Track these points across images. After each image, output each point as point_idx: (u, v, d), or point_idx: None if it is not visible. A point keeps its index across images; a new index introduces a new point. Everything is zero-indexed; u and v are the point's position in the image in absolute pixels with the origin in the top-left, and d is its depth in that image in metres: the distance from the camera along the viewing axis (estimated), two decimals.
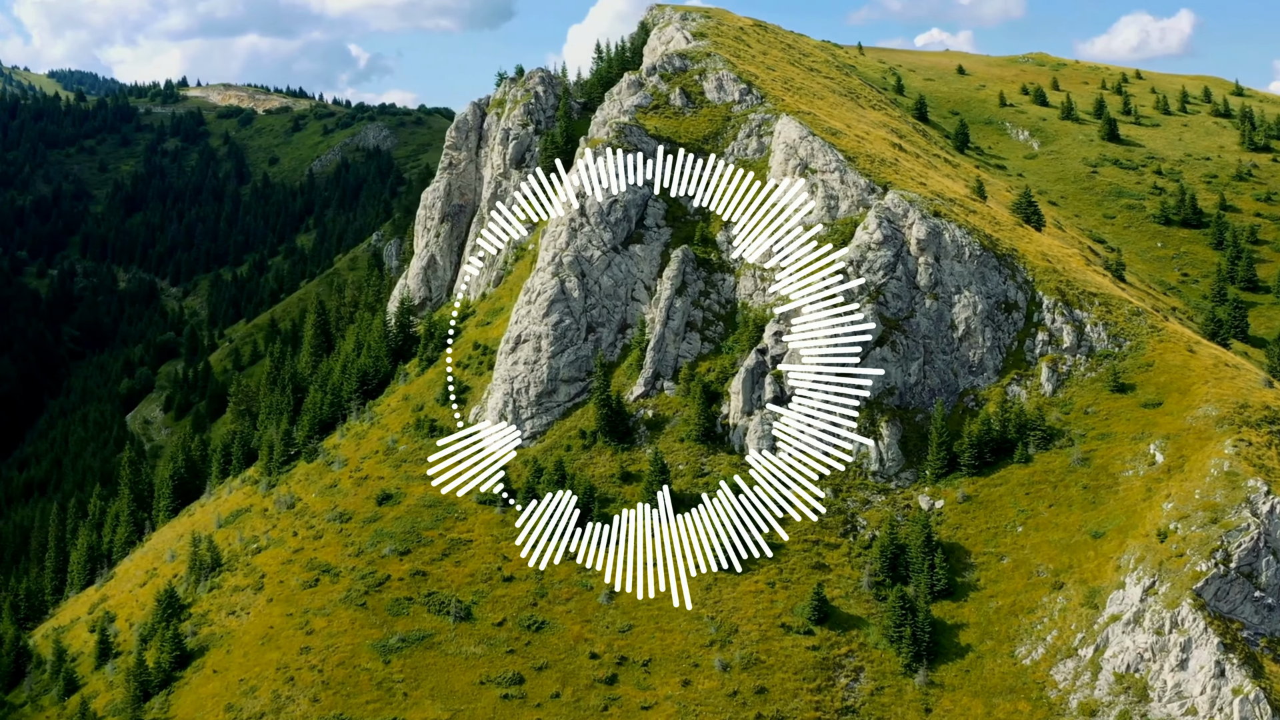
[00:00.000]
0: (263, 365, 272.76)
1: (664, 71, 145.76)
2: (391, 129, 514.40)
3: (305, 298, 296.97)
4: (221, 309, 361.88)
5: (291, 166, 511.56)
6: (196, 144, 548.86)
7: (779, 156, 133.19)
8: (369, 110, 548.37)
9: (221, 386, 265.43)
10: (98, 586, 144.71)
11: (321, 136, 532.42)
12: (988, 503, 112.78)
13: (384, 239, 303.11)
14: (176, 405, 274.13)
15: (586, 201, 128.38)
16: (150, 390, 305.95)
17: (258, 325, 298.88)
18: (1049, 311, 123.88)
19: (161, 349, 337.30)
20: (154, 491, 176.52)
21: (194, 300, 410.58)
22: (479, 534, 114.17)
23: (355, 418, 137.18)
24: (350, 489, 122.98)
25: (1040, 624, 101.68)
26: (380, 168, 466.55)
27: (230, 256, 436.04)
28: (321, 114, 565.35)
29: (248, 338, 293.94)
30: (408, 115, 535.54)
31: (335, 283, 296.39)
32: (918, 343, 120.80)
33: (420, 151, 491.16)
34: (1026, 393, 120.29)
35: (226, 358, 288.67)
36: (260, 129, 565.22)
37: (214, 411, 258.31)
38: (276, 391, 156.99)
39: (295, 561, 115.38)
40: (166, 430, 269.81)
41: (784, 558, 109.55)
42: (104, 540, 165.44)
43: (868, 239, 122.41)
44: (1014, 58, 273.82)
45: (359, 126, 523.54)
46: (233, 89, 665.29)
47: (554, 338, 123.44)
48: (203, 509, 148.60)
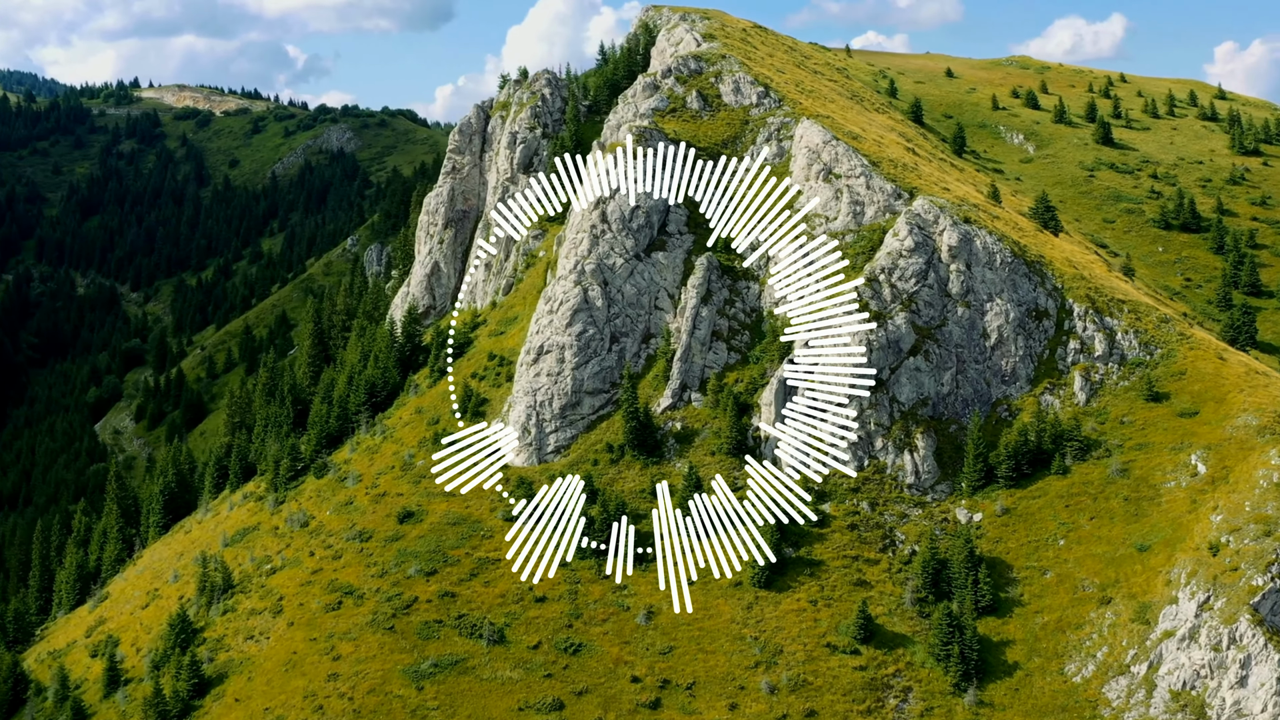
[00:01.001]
0: (237, 373, 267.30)
1: (679, 74, 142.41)
2: (355, 131, 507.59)
3: (279, 303, 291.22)
4: (188, 315, 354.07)
5: (253, 169, 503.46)
6: (153, 146, 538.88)
7: (801, 161, 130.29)
8: (331, 112, 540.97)
9: (196, 395, 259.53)
10: (91, 607, 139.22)
11: (283, 139, 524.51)
12: (1027, 515, 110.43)
13: (359, 243, 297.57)
14: (149, 414, 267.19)
15: (608, 207, 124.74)
16: (118, 399, 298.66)
17: (230, 332, 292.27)
18: (1080, 319, 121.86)
19: (127, 356, 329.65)
20: (140, 506, 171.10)
21: (156, 306, 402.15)
22: (506, 550, 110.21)
23: (365, 431, 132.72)
24: (368, 506, 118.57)
25: (1089, 640, 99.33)
26: (345, 170, 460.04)
27: (193, 261, 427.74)
28: (282, 115, 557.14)
29: (220, 345, 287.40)
30: (371, 117, 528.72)
31: (310, 288, 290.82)
32: (950, 352, 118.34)
33: (385, 154, 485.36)
34: (1060, 402, 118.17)
35: (199, 365, 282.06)
36: (219, 131, 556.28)
37: (190, 421, 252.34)
38: (275, 403, 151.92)
39: (315, 583, 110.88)
40: (139, 440, 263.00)
41: (824, 574, 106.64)
42: (90, 558, 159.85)
43: (899, 246, 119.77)
44: (997, 60, 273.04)
45: (321, 128, 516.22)
46: (187, 90, 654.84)
47: (577, 348, 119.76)
48: (200, 526, 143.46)
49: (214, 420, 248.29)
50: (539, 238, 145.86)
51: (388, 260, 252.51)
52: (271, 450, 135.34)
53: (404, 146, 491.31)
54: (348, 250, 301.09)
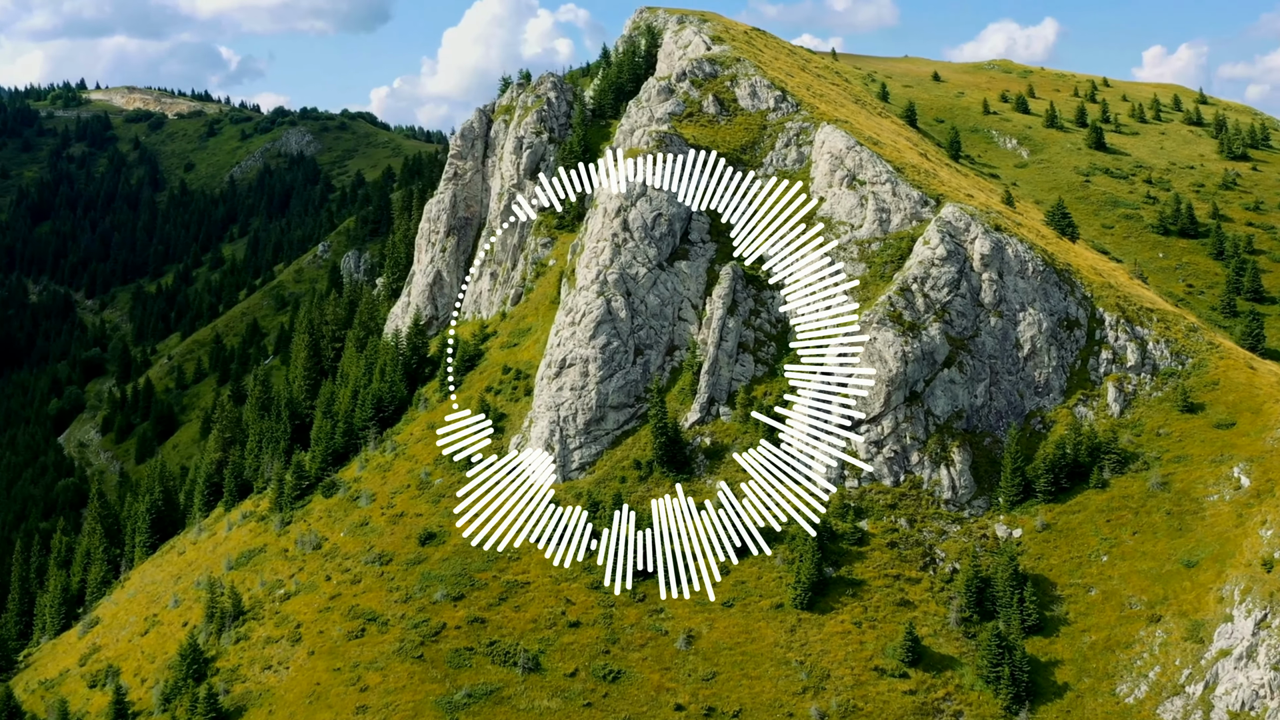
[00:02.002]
0: (208, 383, 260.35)
1: (694, 77, 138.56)
2: (314, 134, 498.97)
3: (249, 311, 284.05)
4: (149, 323, 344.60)
5: (209, 173, 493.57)
6: (104, 149, 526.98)
7: (823, 167, 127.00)
8: (289, 115, 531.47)
9: (166, 406, 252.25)
10: (80, 633, 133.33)
11: (240, 142, 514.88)
12: (1067, 531, 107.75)
13: (332, 249, 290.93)
14: (117, 426, 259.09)
15: (629, 215, 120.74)
16: (81, 410, 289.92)
17: (198, 341, 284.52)
18: (1111, 329, 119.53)
19: (87, 366, 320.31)
20: (122, 525, 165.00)
21: (113, 313, 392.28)
22: (535, 575, 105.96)
23: (373, 447, 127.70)
24: (385, 527, 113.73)
25: (1140, 660, 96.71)
26: (307, 174, 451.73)
27: (150, 267, 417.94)
28: (238, 118, 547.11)
29: (189, 354, 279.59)
30: (330, 120, 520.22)
31: (282, 296, 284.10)
32: (984, 363, 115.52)
33: (346, 157, 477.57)
34: (1094, 414, 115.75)
35: (167, 375, 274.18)
36: (172, 134, 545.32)
37: (161, 433, 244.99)
38: (270, 418, 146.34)
39: (334, 609, 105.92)
40: (107, 454, 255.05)
41: (866, 594, 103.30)
42: (73, 579, 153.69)
43: (930, 254, 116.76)
44: (979, 64, 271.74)
45: (279, 131, 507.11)
46: (137, 92, 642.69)
47: (602, 361, 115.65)
48: (195, 546, 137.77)
49: (187, 432, 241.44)
50: (548, 246, 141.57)
51: (369, 267, 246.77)
52: (275, 468, 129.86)
53: (365, 150, 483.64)
54: (319, 257, 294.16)
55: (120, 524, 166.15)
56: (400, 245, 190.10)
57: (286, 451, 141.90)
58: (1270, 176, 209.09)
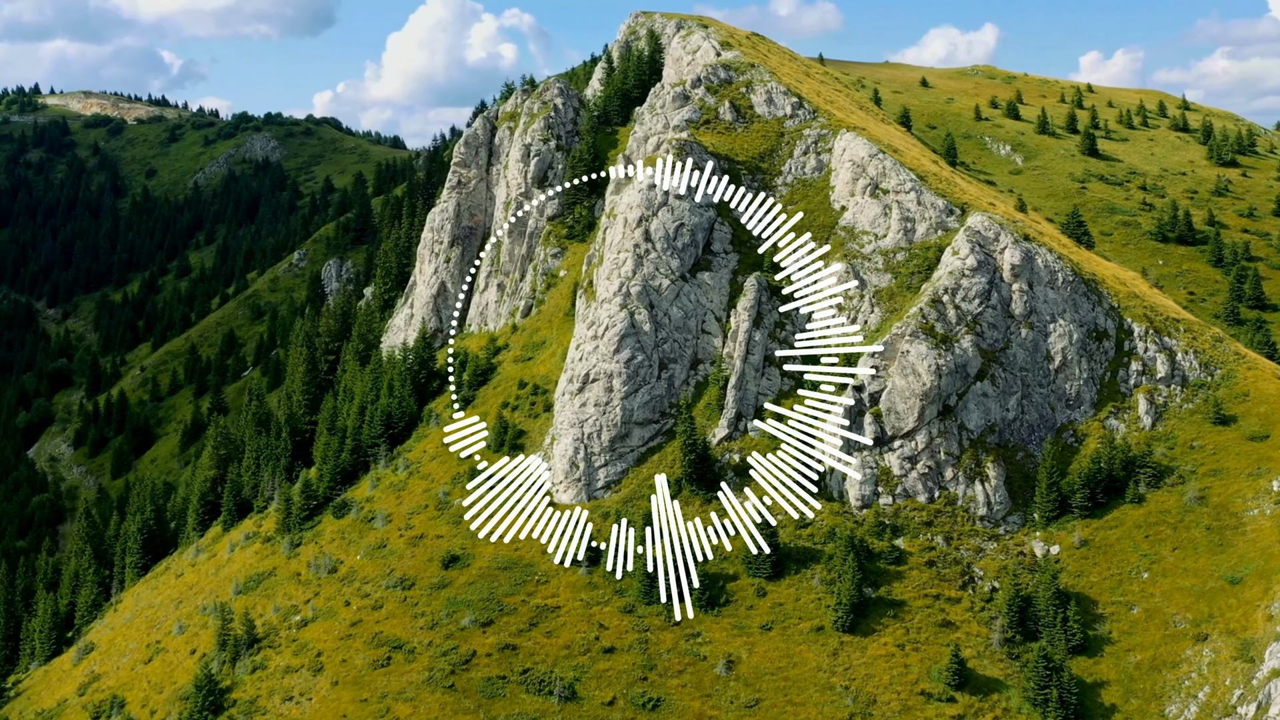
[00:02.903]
0: (184, 394, 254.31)
1: (709, 84, 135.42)
2: (280, 140, 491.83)
3: (225, 321, 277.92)
4: (116, 332, 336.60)
5: (172, 179, 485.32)
6: (63, 155, 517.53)
7: (845, 175, 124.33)
8: (253, 120, 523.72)
9: (142, 419, 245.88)
10: (75, 659, 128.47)
11: (203, 147, 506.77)
12: (1105, 547, 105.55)
13: (308, 258, 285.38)
14: (90, 440, 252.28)
15: (651, 225, 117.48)
16: (50, 423, 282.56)
17: (172, 352, 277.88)
18: (1140, 340, 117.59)
19: (54, 377, 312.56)
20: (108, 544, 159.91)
21: (77, 323, 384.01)
22: (566, 598, 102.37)
23: (384, 465, 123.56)
24: (404, 550, 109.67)
25: (1188, 680, 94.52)
26: (274, 181, 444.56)
27: (114, 276, 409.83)
28: (200, 124, 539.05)
29: (163, 365, 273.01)
30: (296, 125, 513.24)
31: (258, 305, 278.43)
32: (1015, 375, 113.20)
33: (312, 163, 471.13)
34: (1125, 426, 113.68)
35: (140, 387, 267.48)
36: (133, 139, 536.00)
37: (137, 447, 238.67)
38: (271, 434, 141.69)
39: (356, 636, 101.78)
40: (80, 468, 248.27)
41: (907, 615, 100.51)
42: (61, 602, 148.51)
43: (960, 265, 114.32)
44: (962, 69, 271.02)
45: (243, 137, 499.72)
46: (94, 96, 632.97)
47: (626, 376, 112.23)
48: (194, 569, 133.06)
49: (165, 446, 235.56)
50: (558, 256, 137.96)
51: (351, 277, 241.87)
52: (282, 487, 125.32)
53: (332, 156, 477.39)
54: (295, 265, 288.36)
55: (106, 543, 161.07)
56: (391, 254, 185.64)
57: (288, 469, 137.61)
58: (1260, 183, 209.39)
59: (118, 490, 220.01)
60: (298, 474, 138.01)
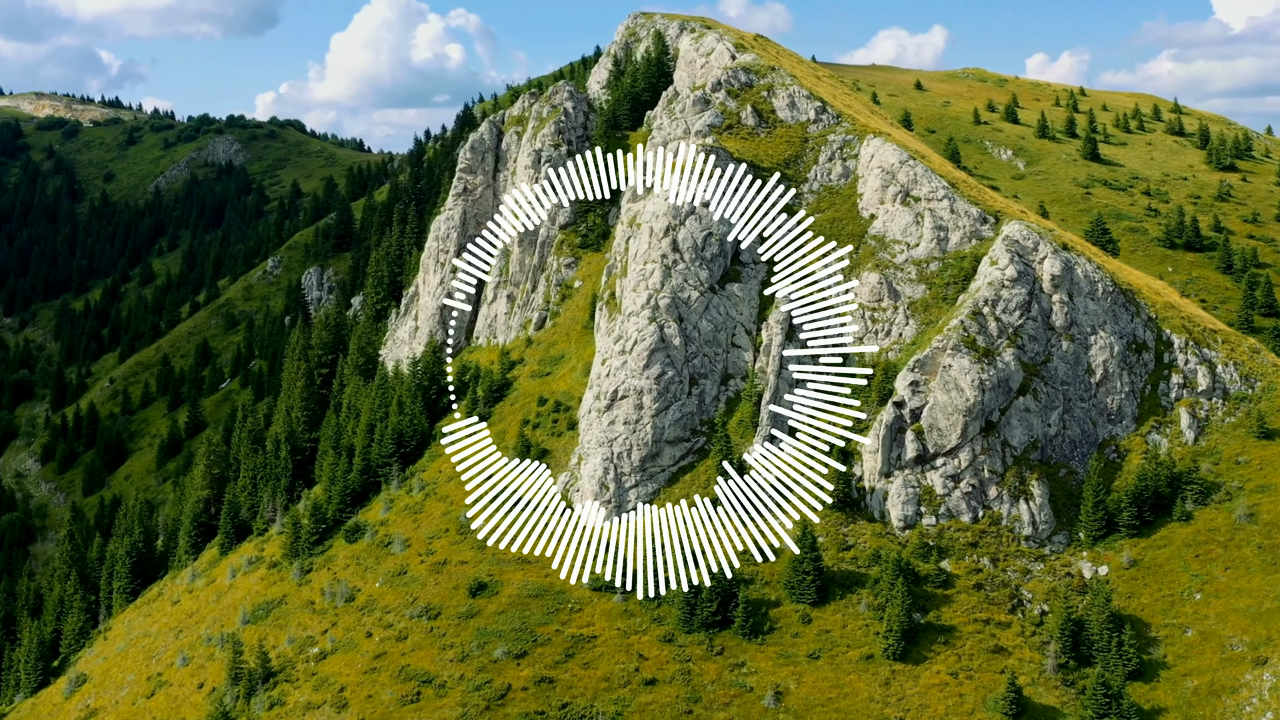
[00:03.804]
0: (157, 407, 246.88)
1: (730, 87, 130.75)
2: (243, 143, 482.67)
3: (197, 330, 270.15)
4: (79, 342, 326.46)
5: (131, 183, 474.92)
6: (16, 158, 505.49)
7: (874, 182, 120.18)
8: (215, 123, 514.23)
9: (114, 434, 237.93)
10: (66, 692, 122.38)
11: (162, 150, 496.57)
12: (1155, 567, 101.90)
13: (282, 265, 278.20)
14: (60, 455, 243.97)
15: (678, 235, 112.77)
16: (14, 437, 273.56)
17: (142, 363, 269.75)
18: (1180, 351, 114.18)
19: (15, 388, 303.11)
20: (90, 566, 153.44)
21: (36, 332, 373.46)
22: (601, 627, 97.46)
23: (397, 486, 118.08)
24: (427, 577, 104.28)
25: (1250, 705, 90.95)
26: (239, 185, 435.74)
27: (74, 283, 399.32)
28: (159, 126, 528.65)
29: (133, 377, 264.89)
30: (259, 128, 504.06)
31: (232, 314, 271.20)
32: (1056, 390, 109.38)
33: (277, 167, 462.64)
34: (1168, 441, 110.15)
35: (110, 400, 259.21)
36: (89, 142, 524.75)
37: (110, 463, 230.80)
38: (270, 453, 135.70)
39: (381, 670, 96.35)
40: (49, 485, 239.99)
41: (957, 641, 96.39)
42: (45, 629, 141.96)
43: (1000, 276, 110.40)
44: (952, 73, 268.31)
45: (205, 140, 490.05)
46: (45, 98, 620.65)
47: (657, 392, 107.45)
48: (192, 595, 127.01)
49: (139, 461, 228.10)
50: (572, 266, 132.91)
51: (333, 285, 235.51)
52: (290, 509, 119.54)
53: (297, 159, 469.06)
54: (270, 273, 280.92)
55: (89, 566, 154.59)
56: (383, 263, 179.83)
57: (289, 490, 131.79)
58: (1261, 188, 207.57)
59: (92, 508, 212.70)
60: (299, 494, 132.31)
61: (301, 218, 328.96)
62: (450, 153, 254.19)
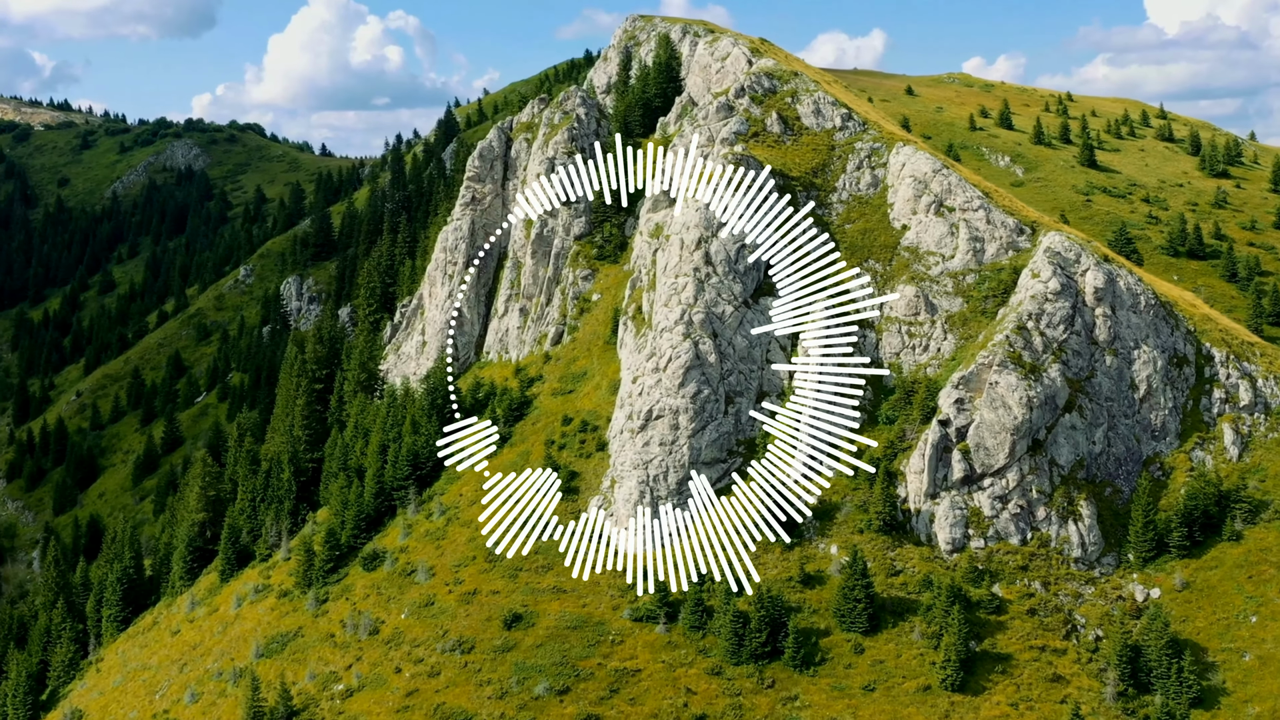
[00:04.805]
0: (129, 422, 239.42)
1: (754, 94, 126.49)
2: (202, 147, 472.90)
3: (168, 342, 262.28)
4: (39, 354, 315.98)
5: (87, 189, 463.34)
6: None
7: (905, 192, 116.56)
8: (173, 126, 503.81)
9: (85, 450, 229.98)
10: None
11: (119, 155, 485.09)
12: (1207, 589, 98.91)
13: (255, 274, 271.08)
14: (27, 473, 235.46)
15: (711, 247, 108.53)
16: None
17: (110, 375, 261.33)
18: (1221, 366, 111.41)
19: None
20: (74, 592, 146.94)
21: None
22: (645, 660, 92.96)
23: (414, 510, 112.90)
24: (456, 608, 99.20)
25: None
26: (200, 190, 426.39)
27: (30, 291, 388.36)
28: (115, 130, 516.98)
29: (101, 390, 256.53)
30: (219, 132, 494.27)
31: (204, 324, 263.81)
32: (1101, 406, 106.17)
33: (238, 172, 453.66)
34: (1212, 458, 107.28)
35: (78, 414, 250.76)
36: (41, 146, 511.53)
37: (81, 480, 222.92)
38: (272, 474, 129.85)
39: (414, 708, 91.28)
40: (16, 503, 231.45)
41: (1015, 670, 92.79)
42: (32, 659, 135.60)
43: (1043, 289, 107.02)
44: (938, 77, 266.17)
45: (163, 144, 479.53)
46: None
47: (693, 412, 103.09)
48: (192, 625, 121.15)
49: (112, 478, 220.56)
50: (589, 278, 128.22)
51: (314, 295, 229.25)
52: (303, 535, 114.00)
53: (259, 164, 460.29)
54: (241, 281, 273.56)
55: (74, 592, 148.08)
56: (375, 273, 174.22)
57: (293, 512, 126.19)
58: (1254, 195, 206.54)
59: (65, 528, 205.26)
60: (304, 517, 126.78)
61: (270, 224, 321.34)
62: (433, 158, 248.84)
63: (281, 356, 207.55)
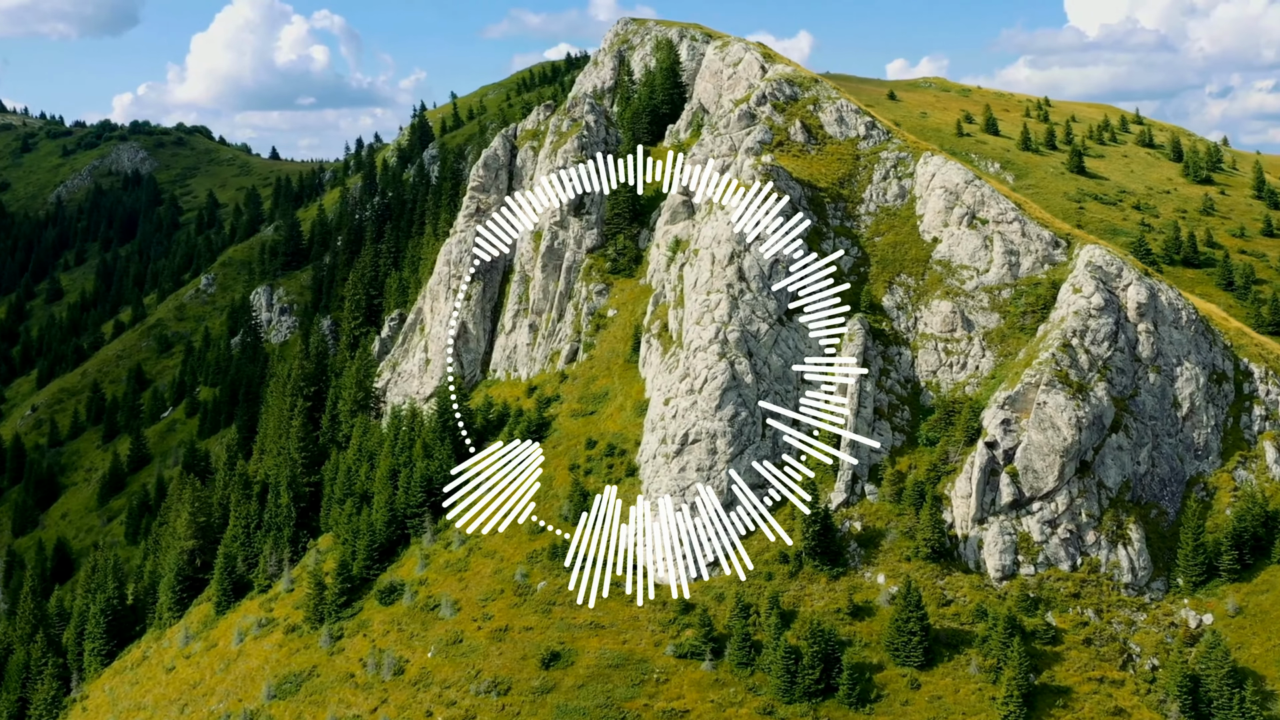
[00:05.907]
0: (89, 438, 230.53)
1: (775, 101, 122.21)
2: (149, 150, 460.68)
3: (128, 353, 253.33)
4: None
5: (29, 193, 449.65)
6: None
7: (936, 203, 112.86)
8: (118, 129, 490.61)
9: (44, 468, 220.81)
10: None
11: (61, 158, 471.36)
12: (1260, 614, 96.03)
13: (217, 282, 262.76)
14: None
15: (743, 262, 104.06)
16: None
17: (67, 389, 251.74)
18: (1261, 382, 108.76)
19: None
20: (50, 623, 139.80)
21: None
22: (693, 700, 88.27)
23: (431, 540, 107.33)
24: (488, 646, 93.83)
25: None
26: (149, 195, 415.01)
27: None
28: (56, 132, 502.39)
29: (58, 404, 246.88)
30: (166, 135, 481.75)
31: (165, 335, 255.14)
32: (1145, 425, 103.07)
33: (187, 176, 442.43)
34: (1255, 478, 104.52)
35: (34, 430, 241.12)
36: None
37: (42, 500, 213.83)
38: (268, 499, 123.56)
39: None
40: None
41: (1075, 703, 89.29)
42: (10, 697, 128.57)
43: (1086, 304, 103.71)
44: (914, 81, 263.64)
45: (108, 147, 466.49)
46: None
47: (731, 435, 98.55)
48: (188, 661, 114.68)
49: (75, 498, 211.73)
50: (603, 294, 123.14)
51: (286, 306, 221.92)
52: (310, 566, 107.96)
53: (208, 168, 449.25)
54: (203, 291, 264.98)
55: (49, 622, 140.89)
56: (359, 285, 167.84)
57: (292, 540, 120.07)
58: (1239, 201, 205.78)
59: (27, 549, 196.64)
60: (304, 545, 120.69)
61: (228, 231, 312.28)
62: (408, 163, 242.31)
63: (257, 370, 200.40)
